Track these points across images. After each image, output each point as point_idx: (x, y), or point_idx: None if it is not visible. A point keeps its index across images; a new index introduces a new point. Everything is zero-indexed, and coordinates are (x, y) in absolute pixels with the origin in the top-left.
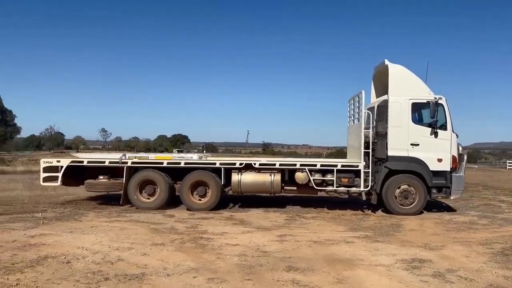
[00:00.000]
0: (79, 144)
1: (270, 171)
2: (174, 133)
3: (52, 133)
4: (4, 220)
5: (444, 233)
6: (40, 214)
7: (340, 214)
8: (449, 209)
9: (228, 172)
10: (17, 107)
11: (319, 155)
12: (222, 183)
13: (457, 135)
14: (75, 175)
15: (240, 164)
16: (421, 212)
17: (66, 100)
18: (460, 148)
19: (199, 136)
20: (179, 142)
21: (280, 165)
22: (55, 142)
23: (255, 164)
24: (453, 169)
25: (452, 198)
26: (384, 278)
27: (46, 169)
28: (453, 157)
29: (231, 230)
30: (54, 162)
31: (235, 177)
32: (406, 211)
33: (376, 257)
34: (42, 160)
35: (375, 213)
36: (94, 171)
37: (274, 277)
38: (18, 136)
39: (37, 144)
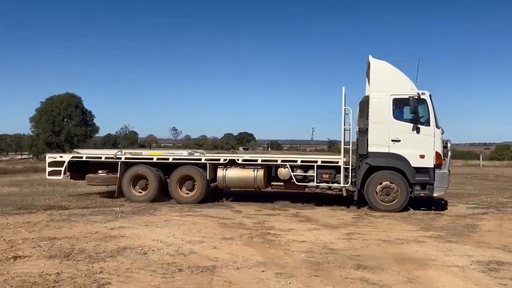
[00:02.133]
0: (151, 143)
1: (253, 167)
2: (240, 131)
3: (127, 132)
4: (87, 213)
5: None
6: (119, 208)
7: (411, 213)
8: None
9: (216, 167)
10: (96, 108)
11: None
12: (208, 178)
13: (442, 131)
14: (81, 170)
15: (224, 160)
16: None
17: (139, 100)
18: (449, 145)
19: (264, 134)
20: (245, 140)
21: (262, 161)
22: (129, 141)
23: (238, 160)
24: (438, 165)
25: (435, 195)
26: (458, 280)
27: (51, 164)
28: (437, 153)
29: (298, 227)
30: (57, 157)
31: (220, 172)
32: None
33: (449, 257)
34: (47, 156)
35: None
36: (96, 166)
37: (342, 274)
38: (96, 135)
39: (113, 142)
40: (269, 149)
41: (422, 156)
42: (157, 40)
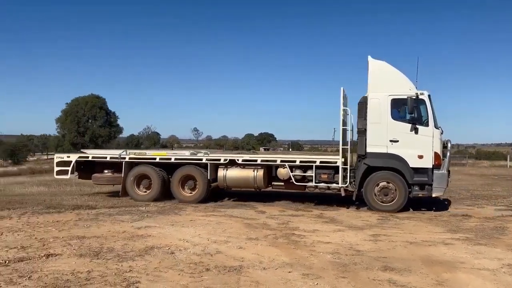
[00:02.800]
0: (173, 143)
1: (253, 167)
2: (260, 132)
3: (149, 132)
4: (114, 213)
5: None
6: (144, 207)
7: (437, 215)
8: None
9: (217, 167)
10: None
11: None
12: (209, 178)
13: (442, 131)
14: (88, 169)
15: (225, 160)
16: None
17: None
18: (449, 145)
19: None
20: (266, 141)
21: (261, 161)
22: (152, 141)
23: (238, 160)
24: (436, 166)
25: (434, 195)
26: (489, 283)
27: (58, 164)
28: (436, 153)
29: (322, 228)
30: (64, 157)
31: (220, 172)
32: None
33: (479, 260)
34: (55, 156)
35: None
36: (102, 166)
37: (369, 276)
38: (120, 135)
39: (136, 143)
40: (290, 149)
41: (420, 157)
42: (178, 41)
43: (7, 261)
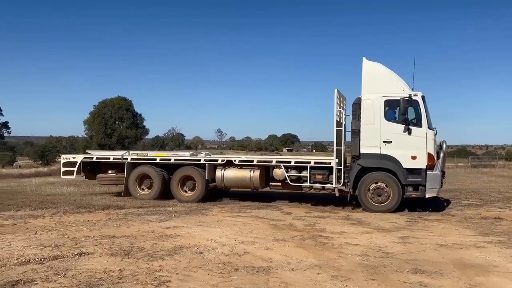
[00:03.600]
0: (197, 144)
1: (250, 168)
2: (284, 133)
3: (174, 134)
4: (143, 213)
5: None
6: (172, 208)
7: (467, 217)
8: None
9: (215, 168)
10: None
11: None
12: (207, 178)
13: (436, 132)
14: (94, 170)
15: (222, 160)
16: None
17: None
18: (444, 146)
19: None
20: (289, 142)
21: (257, 161)
22: (176, 142)
23: (235, 160)
24: (430, 166)
25: (427, 196)
26: None
27: (65, 164)
28: (429, 154)
29: (350, 230)
30: (71, 158)
31: (218, 172)
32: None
33: None
34: (62, 157)
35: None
36: (107, 166)
37: (399, 278)
38: (146, 137)
39: (161, 144)
40: (313, 150)
41: (413, 157)
42: (203, 44)
43: (42, 259)
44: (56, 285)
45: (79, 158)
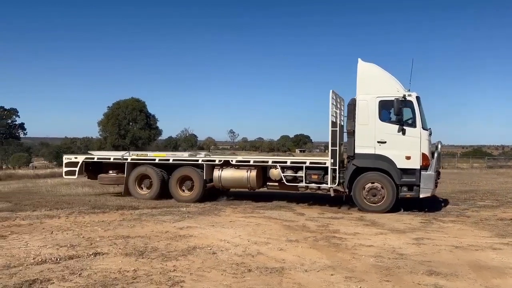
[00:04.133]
0: (210, 145)
1: (247, 168)
2: (296, 133)
3: (187, 135)
4: (156, 213)
5: None
6: (185, 208)
7: (483, 218)
8: None
9: (212, 168)
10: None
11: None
12: (205, 178)
13: (430, 132)
14: (96, 170)
15: (219, 161)
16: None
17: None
18: (440, 146)
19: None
20: (301, 142)
21: (254, 162)
22: (189, 143)
23: (232, 161)
24: (424, 167)
25: (421, 196)
26: None
27: (67, 164)
28: (423, 154)
29: (363, 231)
30: (73, 158)
31: (216, 173)
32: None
33: None
34: (64, 157)
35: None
36: (108, 167)
37: (414, 280)
38: (159, 138)
39: (174, 145)
40: (326, 151)
41: (408, 158)
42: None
43: (58, 259)
44: (72, 284)
45: (81, 158)
